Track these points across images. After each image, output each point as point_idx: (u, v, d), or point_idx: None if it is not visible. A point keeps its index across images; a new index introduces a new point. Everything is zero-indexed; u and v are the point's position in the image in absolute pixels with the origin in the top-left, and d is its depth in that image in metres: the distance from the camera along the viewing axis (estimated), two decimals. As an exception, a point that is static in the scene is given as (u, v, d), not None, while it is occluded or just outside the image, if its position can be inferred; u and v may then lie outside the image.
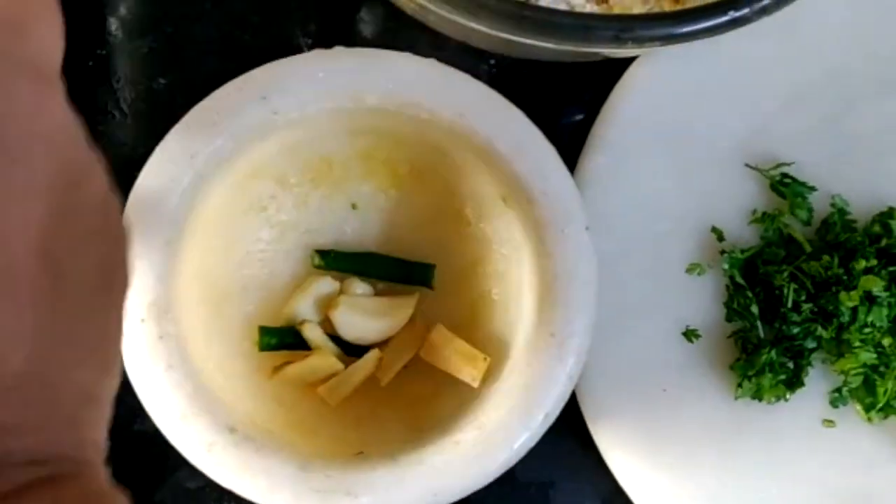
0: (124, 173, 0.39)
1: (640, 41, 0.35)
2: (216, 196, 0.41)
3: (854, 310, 0.43)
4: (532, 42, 0.37)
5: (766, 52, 0.46)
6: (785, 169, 0.46)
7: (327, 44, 0.43)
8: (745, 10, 0.35)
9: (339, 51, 0.40)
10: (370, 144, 0.44)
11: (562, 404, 0.40)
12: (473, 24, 0.36)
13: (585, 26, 0.35)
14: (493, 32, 0.37)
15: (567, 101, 0.48)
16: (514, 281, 0.43)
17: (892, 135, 0.47)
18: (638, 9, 0.42)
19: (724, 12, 0.35)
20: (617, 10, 0.42)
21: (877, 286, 0.43)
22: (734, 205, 0.46)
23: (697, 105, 0.46)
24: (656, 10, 0.41)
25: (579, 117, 0.48)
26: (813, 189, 0.46)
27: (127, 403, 0.46)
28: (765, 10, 0.35)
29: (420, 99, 0.39)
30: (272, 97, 0.39)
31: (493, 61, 0.48)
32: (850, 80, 0.47)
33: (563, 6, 0.44)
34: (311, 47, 0.48)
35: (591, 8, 0.44)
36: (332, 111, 0.40)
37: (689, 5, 0.42)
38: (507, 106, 0.40)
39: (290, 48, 0.49)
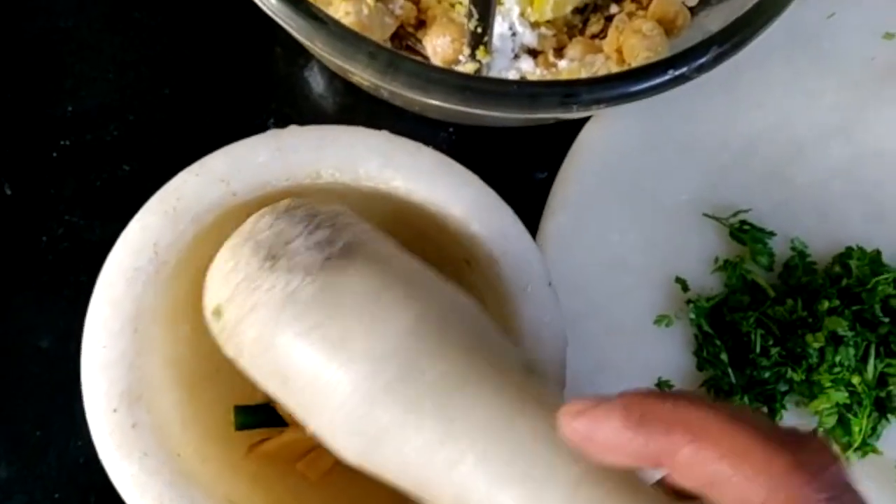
0: (90, 262, 0.39)
1: (585, 104, 0.36)
2: (182, 279, 0.42)
3: (821, 350, 0.44)
4: (482, 112, 0.38)
5: (714, 106, 0.47)
6: (743, 216, 0.47)
7: (287, 121, 0.43)
8: (684, 69, 0.36)
9: (293, 129, 0.40)
10: (330, 218, 0.44)
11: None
12: (424, 99, 0.37)
13: (531, 94, 0.36)
14: (444, 105, 0.37)
15: (526, 164, 0.49)
16: (484, 343, 0.43)
17: (840, 177, 0.48)
18: (585, 71, 0.43)
19: (664, 71, 0.36)
20: (564, 75, 0.43)
21: (841, 326, 0.43)
22: (696, 254, 0.47)
23: (652, 159, 0.47)
24: (602, 71, 0.42)
25: (540, 178, 0.49)
26: (772, 234, 0.47)
27: (101, 495, 0.46)
28: (702, 68, 0.36)
29: (374, 171, 0.40)
30: (230, 180, 0.39)
31: (451, 129, 0.49)
32: (795, 127, 0.48)
33: (513, 73, 0.45)
34: (272, 125, 0.49)
35: (540, 72, 0.45)
36: (289, 188, 0.40)
37: (633, 65, 0.43)
38: (460, 170, 0.41)
39: (251, 128, 0.50)
